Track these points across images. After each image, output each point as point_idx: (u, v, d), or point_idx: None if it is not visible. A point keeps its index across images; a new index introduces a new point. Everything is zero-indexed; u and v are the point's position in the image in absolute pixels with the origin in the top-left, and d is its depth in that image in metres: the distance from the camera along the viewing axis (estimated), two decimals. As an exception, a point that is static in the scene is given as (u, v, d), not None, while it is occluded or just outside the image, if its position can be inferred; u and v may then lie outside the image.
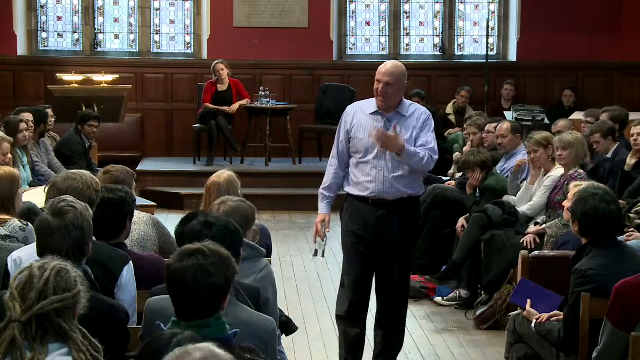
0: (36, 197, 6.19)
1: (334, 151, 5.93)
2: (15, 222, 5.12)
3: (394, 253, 5.77)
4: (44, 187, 5.16)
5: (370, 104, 5.81)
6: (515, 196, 7.62)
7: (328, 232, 5.88)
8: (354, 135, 5.77)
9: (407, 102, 5.85)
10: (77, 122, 10.16)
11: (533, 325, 4.99)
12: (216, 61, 12.68)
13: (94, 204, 4.36)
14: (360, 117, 5.79)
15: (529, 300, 5.13)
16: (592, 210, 4.74)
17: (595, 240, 4.78)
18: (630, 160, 7.87)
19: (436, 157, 5.76)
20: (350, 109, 5.90)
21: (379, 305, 5.97)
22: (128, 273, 4.25)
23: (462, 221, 7.75)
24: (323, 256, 5.97)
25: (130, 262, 4.30)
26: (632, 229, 6.45)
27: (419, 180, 5.86)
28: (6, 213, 5.20)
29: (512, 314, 5.54)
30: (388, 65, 5.77)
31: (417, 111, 5.79)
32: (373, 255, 5.80)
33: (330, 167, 5.91)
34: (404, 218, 5.76)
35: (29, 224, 5.07)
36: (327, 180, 5.91)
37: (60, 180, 4.63)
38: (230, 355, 2.43)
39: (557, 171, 7.28)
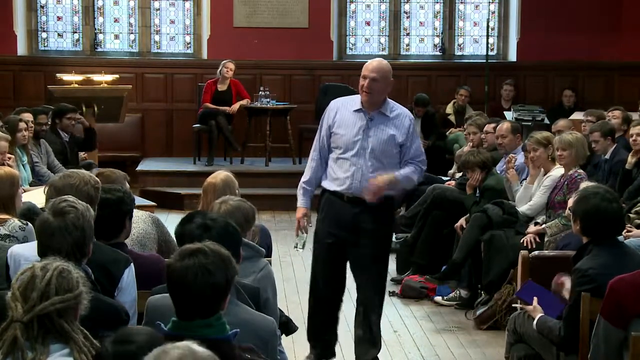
0: (36, 197, 6.19)
1: (315, 144, 5.99)
2: (14, 222, 5.12)
3: (366, 248, 5.84)
4: (43, 187, 5.16)
5: (355, 101, 5.86)
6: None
7: (310, 226, 5.96)
8: (335, 131, 5.83)
9: (390, 102, 5.89)
10: (52, 117, 9.97)
11: (535, 322, 4.97)
12: (227, 60, 12.67)
13: (94, 201, 4.36)
14: (343, 113, 5.85)
15: (535, 298, 5.09)
16: (593, 209, 4.73)
17: (597, 239, 4.78)
18: (631, 159, 7.88)
19: (425, 167, 5.96)
20: (334, 104, 5.96)
21: (357, 299, 6.09)
22: (129, 275, 4.25)
23: (462, 221, 7.75)
24: (303, 248, 6.09)
25: (132, 264, 4.29)
26: (629, 225, 6.46)
27: None
28: (6, 213, 5.19)
29: (515, 312, 5.54)
30: (374, 62, 5.84)
31: (401, 114, 5.86)
32: (346, 251, 5.91)
33: (312, 161, 5.98)
34: (377, 215, 5.82)
35: (29, 223, 5.07)
36: (307, 174, 5.99)
37: (57, 179, 4.65)
38: (210, 352, 2.43)
39: (557, 171, 7.28)
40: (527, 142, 7.53)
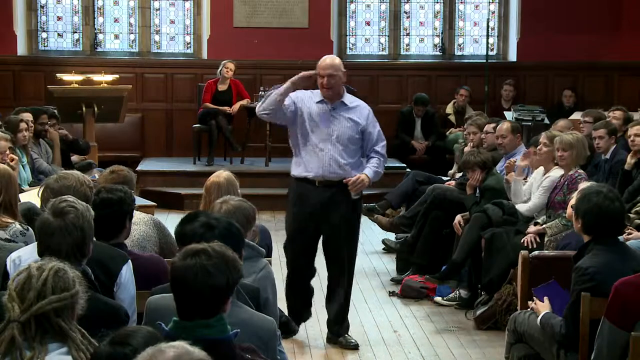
0: (35, 197, 6.18)
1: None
2: (16, 227, 5.10)
3: (338, 228, 6.45)
4: (38, 188, 5.15)
5: (316, 94, 6.48)
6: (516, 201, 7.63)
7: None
8: (302, 120, 6.42)
9: (349, 95, 6.55)
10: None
11: (539, 318, 4.95)
12: (226, 60, 12.68)
13: (89, 200, 4.36)
14: (309, 103, 6.45)
15: (547, 297, 5.06)
16: (596, 207, 4.73)
17: (598, 237, 4.78)
18: (631, 160, 7.87)
19: (385, 152, 6.54)
20: (300, 93, 6.49)
21: (328, 281, 6.68)
22: (127, 272, 4.25)
23: (458, 218, 7.73)
24: None
25: (129, 261, 4.30)
26: (629, 227, 6.45)
27: (361, 165, 6.50)
28: (9, 216, 5.16)
29: (515, 312, 5.53)
30: (327, 60, 6.44)
31: (360, 104, 6.55)
32: (319, 230, 6.51)
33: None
34: (347, 198, 6.39)
35: (30, 228, 5.05)
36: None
37: (52, 181, 4.66)
38: (204, 353, 2.45)
39: (556, 172, 7.28)
40: (544, 133, 7.54)
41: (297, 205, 6.54)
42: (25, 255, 4.18)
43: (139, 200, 7.72)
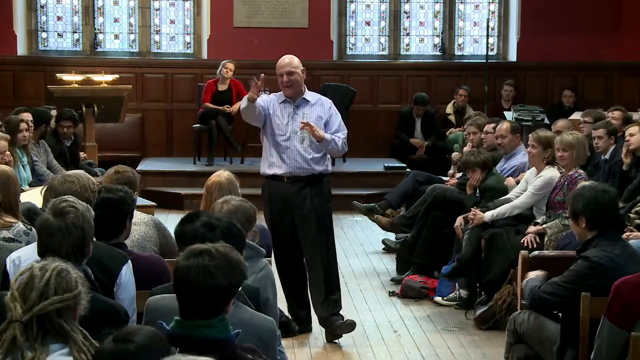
0: (35, 197, 6.18)
1: None
2: (20, 226, 5.10)
3: (311, 219, 6.62)
4: (41, 188, 5.14)
5: (280, 96, 6.76)
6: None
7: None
8: (269, 121, 6.69)
9: (310, 92, 6.78)
10: (55, 122, 10.08)
11: (524, 282, 5.06)
12: (226, 60, 12.69)
13: (91, 204, 4.35)
14: (274, 105, 6.72)
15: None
16: (593, 199, 4.84)
17: (602, 231, 4.82)
18: (626, 159, 7.88)
19: (342, 146, 6.69)
20: (266, 97, 6.85)
21: (309, 273, 6.79)
22: (127, 272, 4.25)
23: (460, 220, 7.73)
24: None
25: (129, 261, 4.30)
26: (630, 227, 6.46)
27: (326, 160, 6.75)
28: (12, 216, 5.16)
29: (515, 312, 5.54)
30: (285, 59, 6.72)
31: (321, 98, 6.77)
32: (295, 224, 6.66)
33: None
34: (316, 189, 6.65)
35: (33, 228, 5.04)
36: None
37: (57, 183, 4.63)
38: None
39: (547, 172, 7.28)
40: (531, 135, 7.55)
41: (270, 202, 6.77)
42: (25, 256, 4.17)
43: (139, 200, 7.73)
